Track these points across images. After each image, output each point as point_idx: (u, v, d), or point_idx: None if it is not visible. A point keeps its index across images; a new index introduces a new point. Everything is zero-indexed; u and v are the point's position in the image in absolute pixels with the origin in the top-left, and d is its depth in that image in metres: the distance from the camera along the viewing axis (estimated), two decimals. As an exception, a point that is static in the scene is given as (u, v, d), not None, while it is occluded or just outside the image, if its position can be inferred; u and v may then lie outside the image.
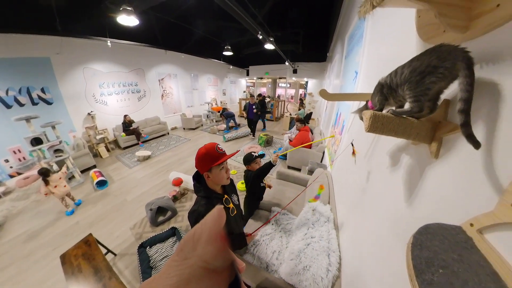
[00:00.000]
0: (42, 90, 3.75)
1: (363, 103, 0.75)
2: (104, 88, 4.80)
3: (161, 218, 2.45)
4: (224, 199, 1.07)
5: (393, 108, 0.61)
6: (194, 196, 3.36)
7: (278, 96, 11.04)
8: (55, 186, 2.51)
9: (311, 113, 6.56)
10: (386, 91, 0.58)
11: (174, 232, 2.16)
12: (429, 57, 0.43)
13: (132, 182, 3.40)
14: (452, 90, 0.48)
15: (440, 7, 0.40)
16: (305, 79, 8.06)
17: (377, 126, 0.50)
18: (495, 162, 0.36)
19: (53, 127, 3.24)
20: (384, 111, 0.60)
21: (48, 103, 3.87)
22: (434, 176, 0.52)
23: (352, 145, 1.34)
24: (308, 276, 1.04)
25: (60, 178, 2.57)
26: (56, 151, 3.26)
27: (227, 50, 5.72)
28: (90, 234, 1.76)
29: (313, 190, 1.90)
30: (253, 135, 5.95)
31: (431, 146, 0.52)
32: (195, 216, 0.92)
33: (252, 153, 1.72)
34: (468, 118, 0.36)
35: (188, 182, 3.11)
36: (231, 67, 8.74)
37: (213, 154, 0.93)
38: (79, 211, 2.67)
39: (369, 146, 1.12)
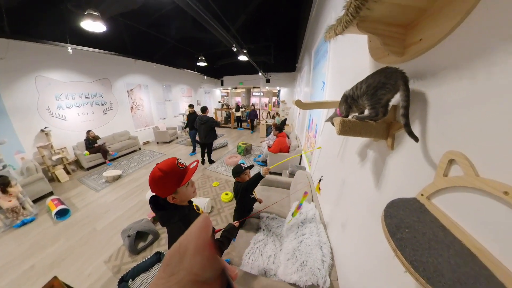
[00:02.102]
0: (-22, 103, 3.10)
1: (333, 110, 0.90)
2: (62, 100, 4.21)
3: (141, 244, 2.21)
4: (194, 207, 1.01)
5: (356, 114, 0.75)
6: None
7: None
8: (9, 198, 2.56)
9: (285, 119, 6.94)
10: (350, 101, 0.73)
11: (159, 257, 1.97)
12: (379, 76, 0.58)
13: (101, 208, 3.01)
14: (397, 99, 0.63)
15: (384, 38, 0.57)
16: (278, 88, 8.56)
17: (345, 129, 0.64)
18: (428, 147, 0.51)
19: (-6, 149, 2.72)
20: (349, 117, 0.74)
21: (-14, 117, 3.22)
22: (393, 163, 0.67)
23: (320, 181, 1.41)
24: (306, 270, 1.10)
25: (10, 195, 2.61)
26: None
27: (201, 60, 5.74)
28: (55, 277, 1.46)
29: (297, 190, 2.02)
30: (203, 162, 4.50)
31: (388, 141, 0.67)
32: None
33: (241, 164, 1.75)
34: (407, 120, 0.51)
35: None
36: (205, 77, 8.74)
37: (176, 173, 0.79)
38: (33, 251, 2.23)
39: (339, 147, 1.30)
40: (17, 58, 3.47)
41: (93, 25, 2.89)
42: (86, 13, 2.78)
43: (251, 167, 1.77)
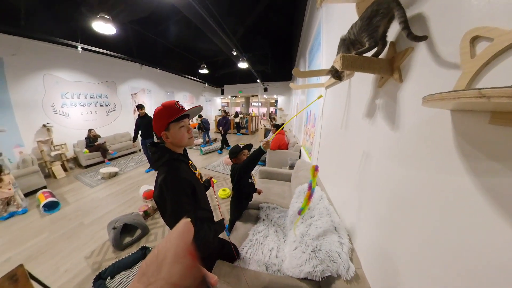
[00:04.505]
0: (-15, 95, 3.00)
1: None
2: (67, 98, 4.13)
3: (128, 240, 1.94)
4: (190, 163, 0.89)
5: None
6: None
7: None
8: (1, 187, 2.38)
9: (283, 124, 6.88)
10: (347, 43, 0.69)
11: (145, 253, 1.72)
12: (371, 7, 0.56)
13: (92, 203, 2.77)
14: (394, 31, 0.61)
15: None
16: (275, 96, 8.61)
17: (347, 64, 0.57)
18: (440, 54, 0.46)
19: (-8, 136, 2.54)
20: None
21: (-9, 110, 3.09)
22: (407, 95, 0.59)
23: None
24: (322, 257, 0.82)
25: (9, 183, 2.45)
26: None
27: (203, 68, 5.78)
28: (21, 265, 1.21)
29: (299, 177, 1.81)
30: None
31: (394, 75, 0.60)
32: (169, 181, 0.72)
33: (239, 144, 1.56)
34: (409, 30, 0.47)
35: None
36: (206, 84, 8.80)
37: (172, 109, 0.78)
38: (13, 244, 1.98)
39: (342, 115, 1.16)
40: (28, 56, 3.45)
41: (104, 27, 2.93)
42: (98, 16, 2.82)
43: (249, 146, 1.57)
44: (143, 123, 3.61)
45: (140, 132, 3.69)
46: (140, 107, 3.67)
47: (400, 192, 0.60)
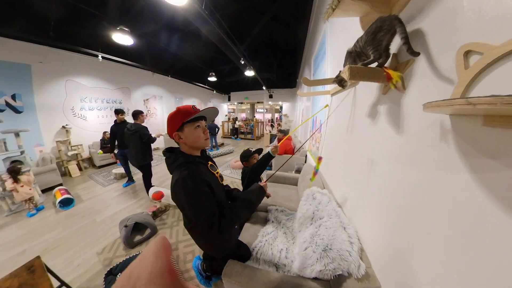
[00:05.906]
0: (13, 97, 3.22)
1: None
2: (85, 102, 4.38)
3: (138, 238, 1.98)
4: (209, 165, 0.87)
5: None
6: (177, 212, 2.89)
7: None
8: (22, 186, 2.41)
9: (288, 130, 6.91)
10: (353, 55, 0.74)
11: None
12: (375, 23, 0.62)
13: (104, 201, 2.86)
14: (396, 44, 0.67)
15: (373, 3, 0.66)
16: (280, 103, 8.71)
17: (354, 74, 0.63)
18: (436, 64, 0.51)
19: (17, 135, 2.67)
20: None
21: (17, 111, 3.30)
22: (410, 100, 0.63)
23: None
24: (333, 255, 0.82)
25: (28, 181, 2.49)
26: (15, 162, 2.63)
27: (212, 76, 5.98)
28: (38, 257, 1.25)
29: (306, 181, 1.83)
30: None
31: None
32: (181, 184, 0.69)
33: (250, 148, 1.62)
34: (410, 45, 0.53)
35: (170, 196, 2.75)
36: (214, 91, 9.03)
37: (187, 111, 0.76)
38: (29, 237, 2.06)
39: (348, 121, 1.19)
40: (53, 63, 3.71)
41: (123, 38, 3.13)
42: (118, 28, 3.02)
43: (260, 151, 1.63)
44: (120, 131, 2.79)
45: (116, 141, 3.03)
46: (119, 112, 2.98)
47: (406, 193, 0.62)
